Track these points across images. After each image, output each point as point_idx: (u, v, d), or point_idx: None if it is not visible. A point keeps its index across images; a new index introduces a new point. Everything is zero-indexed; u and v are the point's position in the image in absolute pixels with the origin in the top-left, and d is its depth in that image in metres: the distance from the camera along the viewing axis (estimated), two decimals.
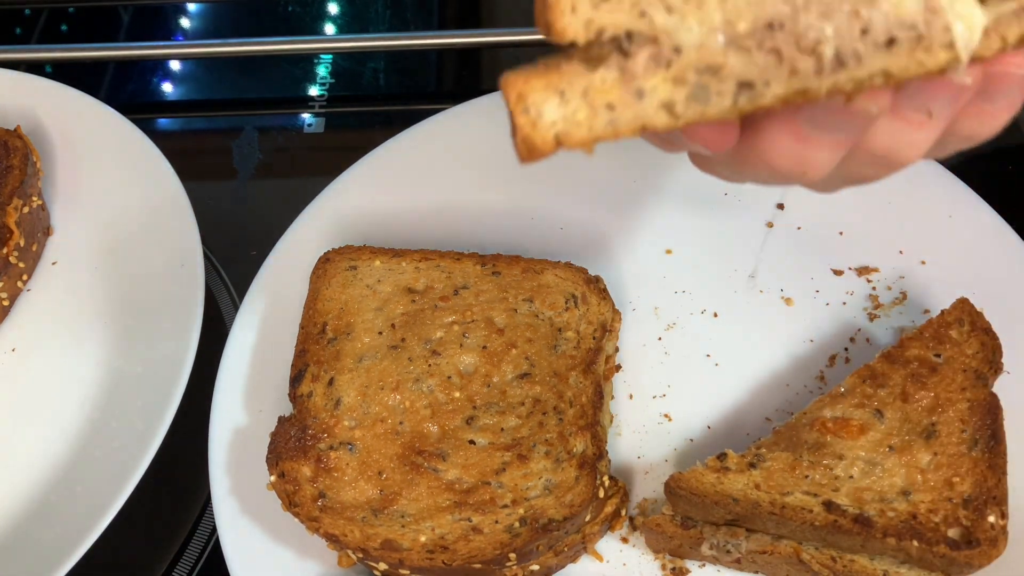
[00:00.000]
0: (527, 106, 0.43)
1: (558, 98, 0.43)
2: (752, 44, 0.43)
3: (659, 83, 0.44)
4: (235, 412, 0.85)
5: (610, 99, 0.44)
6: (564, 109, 0.43)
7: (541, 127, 0.43)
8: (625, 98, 0.44)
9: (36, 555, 0.78)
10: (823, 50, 0.43)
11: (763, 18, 0.43)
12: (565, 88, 0.43)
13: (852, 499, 0.70)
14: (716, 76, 0.44)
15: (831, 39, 0.43)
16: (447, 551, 0.72)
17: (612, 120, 0.44)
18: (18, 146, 0.97)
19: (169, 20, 1.34)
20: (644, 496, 0.80)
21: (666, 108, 0.44)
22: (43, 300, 0.97)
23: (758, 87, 0.44)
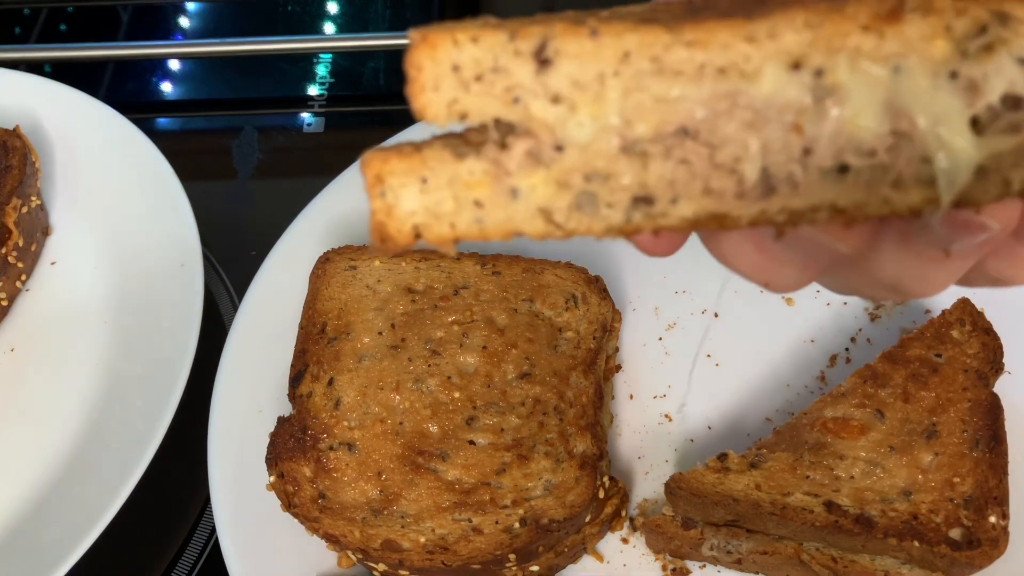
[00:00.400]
0: (384, 190, 0.37)
1: (419, 185, 0.37)
2: (657, 151, 0.35)
3: (537, 184, 0.36)
4: (234, 412, 0.85)
5: (478, 195, 0.37)
6: (425, 199, 0.37)
7: (398, 215, 0.37)
8: (496, 196, 0.37)
9: (35, 555, 0.78)
10: (744, 170, 0.35)
11: (672, 121, 0.35)
12: (428, 175, 0.37)
13: (853, 499, 0.70)
14: (607, 185, 0.36)
15: (755, 157, 0.35)
16: (447, 552, 0.72)
17: (479, 219, 0.37)
18: (17, 146, 0.97)
19: (168, 20, 1.33)
20: (644, 496, 0.80)
21: (543, 215, 0.37)
22: (42, 300, 0.97)
23: (660, 204, 0.36)
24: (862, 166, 0.35)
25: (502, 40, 0.35)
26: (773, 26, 0.34)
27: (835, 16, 0.34)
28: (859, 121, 0.34)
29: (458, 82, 0.36)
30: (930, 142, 0.34)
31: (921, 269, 0.40)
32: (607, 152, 0.36)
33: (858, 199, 0.35)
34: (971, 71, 0.34)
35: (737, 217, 0.36)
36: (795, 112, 0.34)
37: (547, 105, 0.35)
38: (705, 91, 0.34)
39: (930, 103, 0.34)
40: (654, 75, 0.35)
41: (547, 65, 0.35)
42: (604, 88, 0.35)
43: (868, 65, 0.34)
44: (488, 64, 0.35)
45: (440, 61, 0.36)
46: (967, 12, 0.34)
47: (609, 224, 0.37)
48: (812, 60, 0.34)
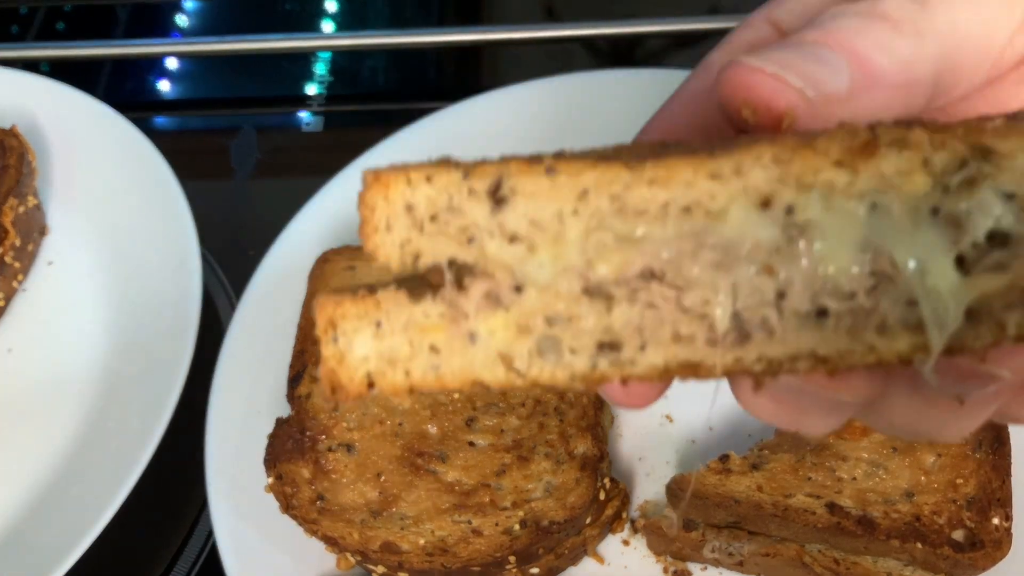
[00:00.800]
0: (337, 335, 0.35)
1: (373, 330, 0.35)
2: (622, 294, 0.33)
3: (497, 328, 0.34)
4: (232, 413, 0.84)
5: (435, 339, 0.35)
6: (379, 344, 0.35)
7: (350, 362, 0.35)
8: (453, 341, 0.35)
9: (32, 558, 0.78)
10: (715, 314, 0.33)
11: (636, 262, 0.33)
12: (382, 320, 0.35)
13: (855, 501, 0.70)
14: (570, 329, 0.34)
15: (725, 300, 0.33)
16: (447, 553, 0.72)
17: (436, 366, 0.35)
18: (14, 145, 0.97)
19: (166, 18, 1.33)
20: (645, 498, 0.79)
21: (504, 361, 0.35)
22: (39, 300, 0.97)
23: (627, 351, 0.34)
24: (842, 310, 0.32)
25: (456, 179, 0.34)
26: (739, 162, 0.32)
27: (805, 151, 0.32)
28: (835, 262, 0.32)
29: (412, 222, 0.34)
30: (914, 283, 0.32)
31: (937, 417, 0.38)
32: (569, 294, 0.34)
33: (840, 346, 0.33)
34: (954, 207, 0.32)
35: (711, 366, 0.34)
36: (766, 252, 0.32)
37: (504, 245, 0.34)
38: (670, 231, 0.33)
39: (912, 241, 0.32)
40: (615, 214, 0.33)
41: (503, 204, 0.33)
42: (563, 227, 0.33)
43: (842, 202, 0.32)
44: (442, 204, 0.34)
45: (393, 201, 0.34)
46: (946, 146, 0.32)
47: (573, 372, 0.34)
48: (782, 197, 0.32)
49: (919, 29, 0.38)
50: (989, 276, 0.32)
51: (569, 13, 1.32)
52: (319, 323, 0.35)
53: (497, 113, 1.00)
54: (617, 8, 1.21)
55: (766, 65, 0.36)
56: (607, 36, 1.18)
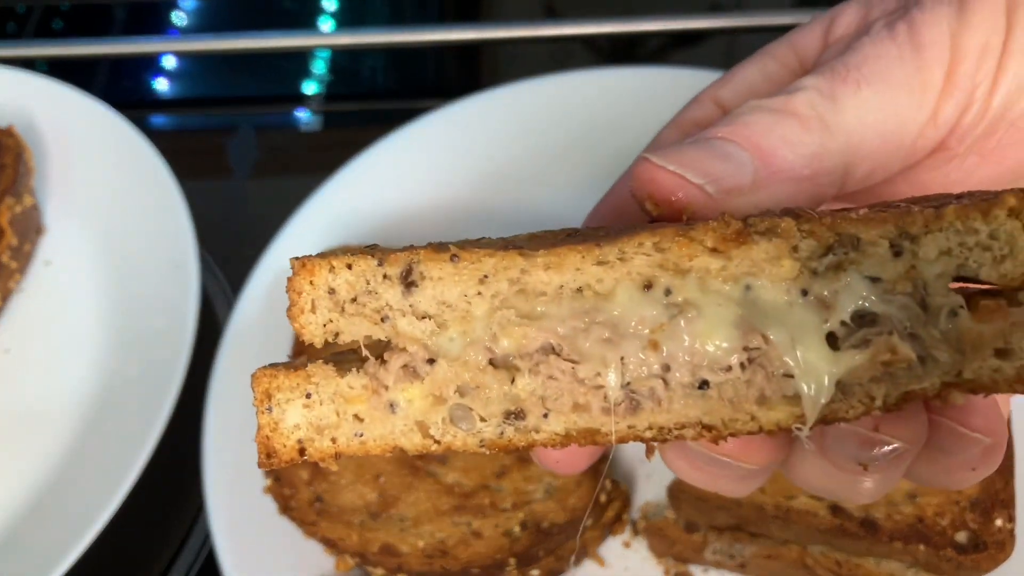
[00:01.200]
0: (271, 406, 0.39)
1: (303, 400, 0.39)
2: (525, 366, 0.37)
3: (414, 397, 0.38)
4: (231, 414, 0.84)
5: (358, 408, 0.39)
6: (309, 413, 0.39)
7: (283, 430, 0.39)
8: (374, 410, 0.38)
9: (30, 558, 0.77)
10: (607, 385, 0.36)
11: (536, 337, 0.37)
12: (312, 391, 0.39)
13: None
14: (480, 398, 0.38)
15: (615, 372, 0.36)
16: (446, 556, 0.71)
17: (359, 433, 0.38)
18: (11, 144, 0.96)
19: (164, 16, 1.32)
20: (647, 500, 0.79)
21: (421, 428, 0.38)
22: (36, 301, 0.96)
23: (532, 418, 0.37)
24: (722, 382, 0.36)
25: (372, 266, 0.38)
26: (622, 249, 0.36)
27: (682, 240, 0.36)
28: (712, 338, 0.36)
29: (333, 304, 0.38)
30: (788, 358, 0.35)
31: (846, 480, 0.41)
32: (477, 365, 0.37)
33: (724, 416, 0.36)
34: (822, 289, 0.35)
35: (606, 433, 0.37)
36: (650, 329, 0.36)
37: (415, 322, 0.37)
38: (565, 309, 0.36)
39: (784, 320, 0.35)
40: (517, 295, 0.37)
41: (413, 287, 0.37)
42: (469, 306, 0.37)
43: (718, 284, 0.36)
44: (361, 288, 0.38)
45: (318, 286, 0.38)
46: (814, 234, 0.35)
47: (483, 438, 0.38)
48: (661, 281, 0.36)
49: (827, 124, 0.41)
50: (857, 352, 0.35)
51: (569, 11, 1.32)
52: (256, 395, 0.39)
53: (497, 111, 1.00)
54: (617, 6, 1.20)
55: (668, 163, 0.40)
56: (607, 34, 1.17)
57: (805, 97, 0.42)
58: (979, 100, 0.43)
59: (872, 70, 0.42)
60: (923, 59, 0.42)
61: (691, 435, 0.37)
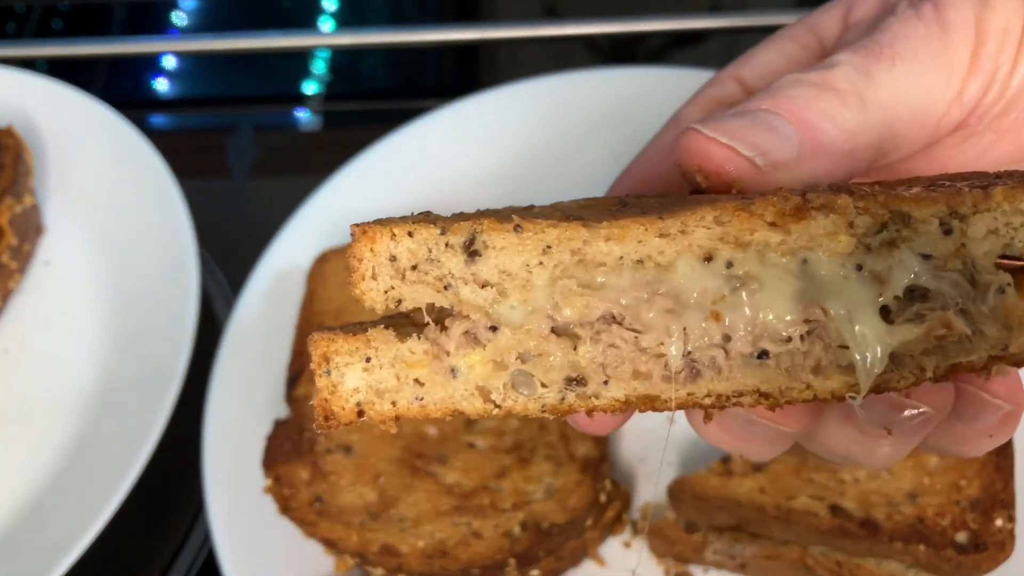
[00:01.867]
0: (330, 369, 0.40)
1: (363, 364, 0.40)
2: (586, 335, 0.38)
3: (475, 363, 0.39)
4: (230, 414, 0.84)
5: (419, 373, 0.40)
6: (369, 377, 0.40)
7: (342, 393, 0.40)
8: (435, 375, 0.39)
9: (29, 558, 0.77)
10: (669, 354, 0.38)
11: (598, 307, 0.38)
12: (372, 355, 0.40)
13: (859, 503, 0.69)
14: (541, 365, 0.39)
15: (678, 342, 0.37)
16: (446, 556, 0.71)
17: (420, 397, 0.40)
18: (10, 144, 0.96)
19: (163, 16, 1.32)
20: (647, 500, 0.79)
21: (482, 393, 0.39)
22: (36, 301, 0.96)
23: (592, 385, 0.39)
24: (780, 352, 0.37)
25: (434, 234, 0.39)
26: (684, 223, 0.37)
27: (742, 214, 0.37)
28: (773, 310, 0.37)
29: (394, 271, 0.39)
30: (844, 330, 0.36)
31: (868, 444, 0.42)
32: (539, 333, 0.38)
33: (780, 384, 0.38)
34: (876, 264, 0.37)
35: (666, 400, 0.38)
36: (712, 300, 0.37)
37: (477, 290, 0.38)
38: (625, 280, 0.38)
39: (840, 293, 0.36)
40: (577, 265, 0.38)
41: (476, 256, 0.38)
42: (530, 276, 0.38)
43: (776, 258, 0.37)
44: (422, 255, 0.39)
45: (378, 253, 0.39)
46: (868, 211, 0.36)
47: (544, 403, 0.39)
48: (723, 253, 0.37)
49: (864, 100, 0.42)
50: (910, 325, 0.37)
51: (569, 11, 1.32)
52: (314, 358, 0.40)
53: (497, 111, 1.00)
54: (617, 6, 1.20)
55: (719, 134, 0.40)
56: (607, 34, 1.17)
57: (843, 72, 0.42)
58: (1000, 81, 0.44)
59: (903, 48, 0.43)
60: (950, 39, 0.43)
61: (748, 403, 0.38)
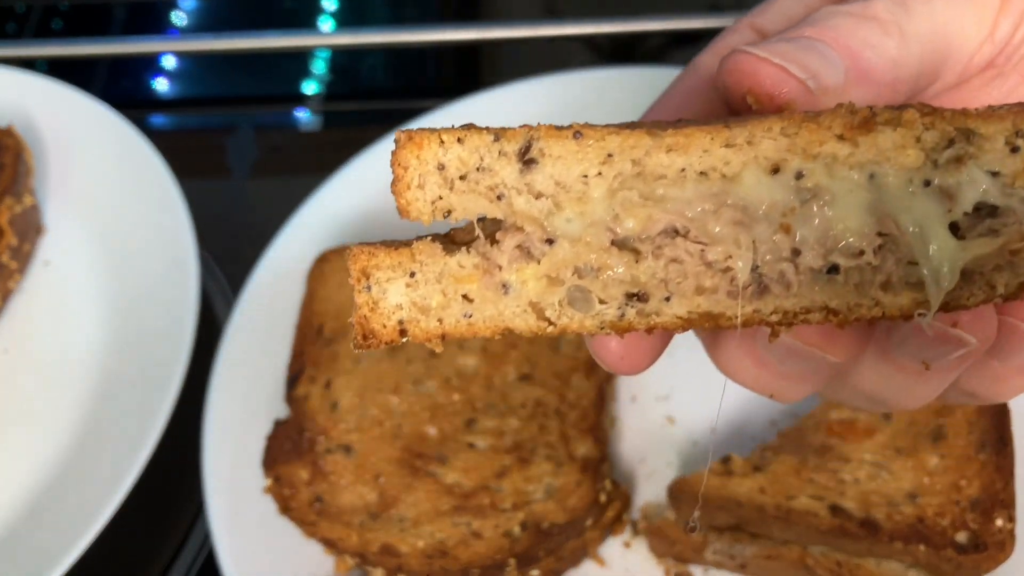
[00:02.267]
0: (370, 284, 0.37)
1: (407, 280, 0.37)
2: (648, 248, 0.36)
3: (529, 278, 0.37)
4: (230, 415, 0.83)
5: (468, 289, 0.37)
6: (413, 293, 0.37)
7: (383, 310, 0.37)
8: (486, 291, 0.37)
9: (29, 559, 0.77)
10: (736, 268, 0.36)
11: (661, 219, 0.35)
12: (416, 270, 0.37)
13: (859, 503, 0.69)
14: (600, 280, 0.36)
15: (746, 255, 0.35)
16: (446, 556, 0.71)
17: (468, 314, 0.37)
18: (10, 144, 0.96)
19: (163, 16, 1.32)
20: (647, 500, 0.79)
21: (535, 311, 0.37)
22: (36, 300, 0.96)
23: (653, 301, 0.36)
24: (851, 267, 0.36)
25: (487, 141, 0.36)
26: (751, 133, 0.35)
27: (810, 125, 0.35)
28: (845, 222, 0.35)
29: (443, 181, 0.36)
30: (915, 245, 0.35)
31: (902, 382, 0.41)
32: (598, 246, 0.36)
33: (849, 301, 0.36)
34: (944, 180, 0.35)
35: (731, 317, 0.36)
36: (782, 213, 0.35)
37: (532, 201, 0.36)
38: (689, 192, 0.35)
39: (909, 209, 0.35)
40: (637, 177, 0.36)
41: (531, 165, 0.36)
42: (588, 188, 0.36)
43: (844, 171, 0.35)
44: (473, 164, 0.36)
45: (426, 160, 0.37)
46: (935, 126, 0.35)
47: (603, 320, 0.37)
48: (790, 165, 0.35)
49: (904, 31, 0.41)
50: (981, 241, 0.35)
51: (569, 10, 1.32)
52: (352, 272, 0.37)
53: (497, 111, 1.00)
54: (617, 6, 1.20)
55: (771, 55, 0.39)
56: (607, 34, 1.17)
57: (882, 4, 0.42)
58: None
59: None
60: None
61: (816, 319, 0.36)
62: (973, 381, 0.42)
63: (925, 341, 0.39)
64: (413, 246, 0.38)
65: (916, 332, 0.38)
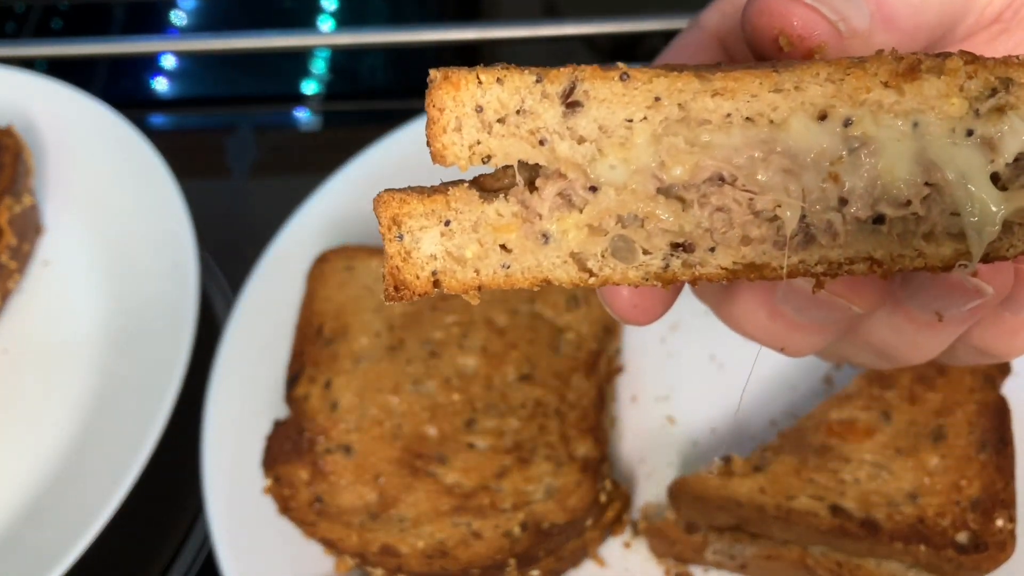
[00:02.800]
0: (402, 233, 0.36)
1: (441, 228, 0.36)
2: (694, 197, 0.35)
3: (570, 227, 0.35)
4: (230, 415, 0.83)
5: (506, 239, 0.36)
6: (448, 243, 0.36)
7: (415, 261, 0.36)
8: (525, 240, 0.35)
9: (28, 560, 0.77)
10: (784, 217, 0.35)
11: (708, 167, 0.35)
12: (452, 218, 0.36)
13: (859, 503, 0.69)
14: (644, 229, 0.35)
15: (795, 204, 0.35)
16: (446, 556, 0.71)
17: (506, 265, 0.36)
18: (9, 144, 0.96)
19: (163, 16, 1.32)
20: (647, 500, 0.79)
21: (576, 261, 0.36)
22: (35, 301, 0.96)
23: (699, 252, 0.35)
24: (896, 217, 0.35)
25: (528, 82, 0.34)
26: (799, 78, 0.35)
27: (856, 71, 0.35)
28: (891, 172, 0.35)
29: (480, 124, 0.35)
30: (958, 196, 0.35)
31: (912, 335, 0.41)
32: (644, 194, 0.35)
33: (893, 251, 0.36)
34: (986, 130, 0.35)
35: (776, 267, 0.36)
36: (831, 161, 0.35)
37: (575, 146, 0.34)
38: (736, 139, 0.35)
39: (951, 158, 0.35)
40: (681, 122, 0.34)
41: (575, 108, 0.34)
42: (631, 133, 0.34)
43: (889, 119, 0.35)
44: (513, 106, 0.35)
45: (462, 102, 0.35)
46: (978, 75, 0.35)
47: (647, 271, 0.36)
48: (838, 112, 0.35)
49: None
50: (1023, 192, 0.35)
51: (569, 10, 1.32)
52: (381, 220, 0.36)
53: None
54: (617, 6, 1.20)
55: None
56: (607, 34, 1.17)
57: None
58: None
59: None
60: None
61: (859, 270, 0.36)
62: (985, 335, 0.42)
63: (940, 291, 0.39)
64: (448, 193, 0.36)
65: (931, 283, 0.38)
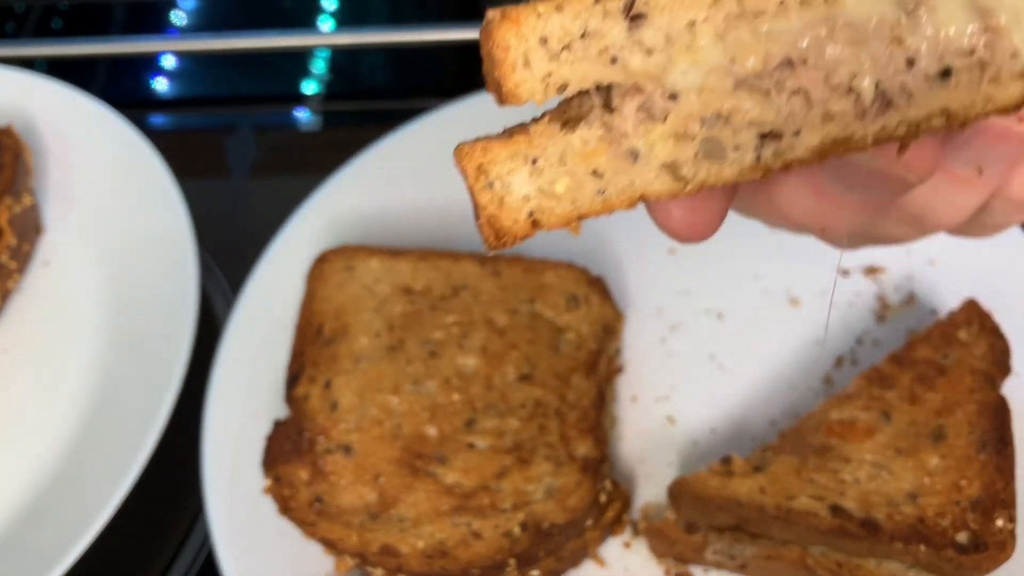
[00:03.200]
0: (491, 180, 0.36)
1: (529, 168, 0.36)
2: (770, 85, 0.35)
3: (657, 140, 0.36)
4: (230, 415, 0.83)
5: (596, 164, 0.36)
6: (538, 181, 0.36)
7: (510, 205, 0.36)
8: (615, 162, 0.36)
9: (27, 560, 0.77)
10: (861, 87, 0.35)
11: (778, 53, 0.35)
12: (538, 155, 0.36)
13: (859, 503, 0.69)
14: (729, 126, 0.36)
15: (867, 73, 0.35)
16: (446, 556, 0.71)
17: (601, 190, 0.36)
18: (9, 144, 0.96)
19: (163, 16, 1.32)
20: (647, 500, 0.79)
21: (670, 171, 0.36)
22: (35, 301, 0.96)
23: (786, 137, 0.36)
24: (961, 67, 0.35)
25: (587, 4, 0.34)
26: None
27: None
28: (950, 24, 0.35)
29: (548, 54, 0.35)
30: (1015, 36, 0.35)
31: (950, 193, 0.42)
32: (722, 91, 0.35)
33: (964, 100, 0.36)
34: None
35: (862, 137, 0.36)
36: (891, 26, 0.35)
37: (646, 58, 0.34)
38: (796, 22, 0.35)
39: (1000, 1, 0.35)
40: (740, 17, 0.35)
41: (639, 21, 0.34)
42: (694, 36, 0.34)
43: None
44: (577, 31, 0.34)
45: (526, 36, 0.35)
46: None
47: (741, 167, 0.36)
48: None
49: None
50: None
51: None
52: (467, 172, 0.36)
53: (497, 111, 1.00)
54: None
55: None
56: None
57: None
58: None
59: None
60: None
61: (937, 125, 0.36)
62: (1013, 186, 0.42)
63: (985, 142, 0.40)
64: (529, 131, 0.36)
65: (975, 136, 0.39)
